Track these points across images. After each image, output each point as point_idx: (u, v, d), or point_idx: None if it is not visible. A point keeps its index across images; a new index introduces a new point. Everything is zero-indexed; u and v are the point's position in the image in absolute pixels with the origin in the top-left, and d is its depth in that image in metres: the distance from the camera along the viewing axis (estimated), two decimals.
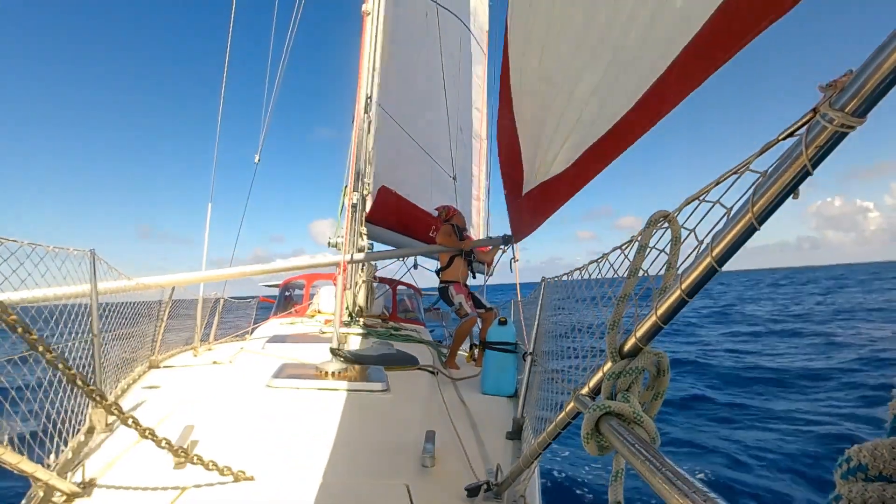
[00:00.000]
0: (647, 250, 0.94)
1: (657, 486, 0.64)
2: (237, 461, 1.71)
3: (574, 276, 1.86)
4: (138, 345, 3.52)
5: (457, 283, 4.57)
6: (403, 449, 2.02)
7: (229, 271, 4.86)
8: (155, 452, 1.60)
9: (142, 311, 3.57)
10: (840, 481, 0.49)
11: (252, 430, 2.16)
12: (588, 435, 0.89)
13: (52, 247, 2.07)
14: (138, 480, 1.66)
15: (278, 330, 5.31)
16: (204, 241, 5.39)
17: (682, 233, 0.87)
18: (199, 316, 4.85)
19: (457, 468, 1.96)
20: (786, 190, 0.63)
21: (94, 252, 2.55)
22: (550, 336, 2.72)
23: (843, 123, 0.56)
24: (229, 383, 3.03)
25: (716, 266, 0.71)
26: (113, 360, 2.87)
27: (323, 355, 3.18)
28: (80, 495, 1.56)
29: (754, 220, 0.66)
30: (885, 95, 0.54)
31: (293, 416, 2.34)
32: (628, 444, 0.76)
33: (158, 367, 3.72)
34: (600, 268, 1.37)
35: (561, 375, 2.06)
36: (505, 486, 1.65)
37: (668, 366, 0.89)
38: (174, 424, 2.12)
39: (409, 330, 5.59)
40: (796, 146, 0.61)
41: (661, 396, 0.91)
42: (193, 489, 1.62)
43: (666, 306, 0.80)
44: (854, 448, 0.48)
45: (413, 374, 3.46)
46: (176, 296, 4.33)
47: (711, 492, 0.57)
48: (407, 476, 1.79)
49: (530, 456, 1.40)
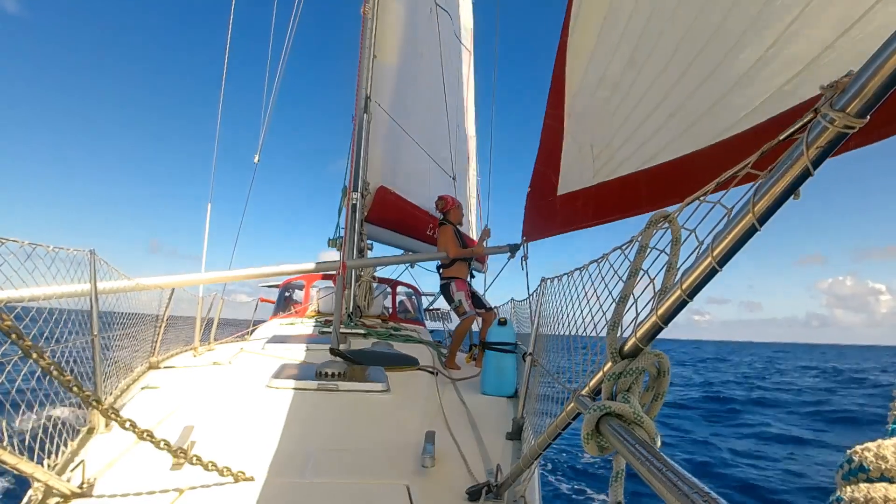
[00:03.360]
0: (648, 251, 0.94)
1: (658, 486, 0.64)
2: (237, 461, 1.71)
3: (574, 276, 1.86)
4: (137, 345, 3.52)
5: (459, 280, 4.51)
6: (403, 449, 2.02)
7: (227, 274, 4.87)
8: (155, 453, 1.60)
9: (139, 322, 3.57)
10: (841, 482, 0.49)
11: (252, 431, 2.16)
12: (588, 435, 0.89)
13: (52, 247, 2.07)
14: (138, 481, 1.65)
15: (278, 330, 5.31)
16: (204, 243, 5.40)
17: (682, 233, 0.87)
18: (199, 317, 4.85)
19: (457, 469, 1.95)
20: (786, 191, 0.63)
21: (94, 252, 2.54)
22: (550, 337, 2.72)
23: (845, 124, 0.56)
24: (229, 384, 3.03)
25: (716, 266, 0.71)
26: (113, 360, 2.87)
27: (322, 356, 3.18)
28: (80, 496, 1.55)
29: (755, 221, 0.66)
30: (885, 96, 0.54)
31: (293, 416, 2.34)
32: (628, 444, 0.76)
33: (158, 367, 3.72)
34: (600, 268, 1.37)
35: (560, 376, 2.06)
36: (505, 487, 1.65)
37: (668, 367, 0.89)
38: (174, 425, 2.12)
39: (409, 330, 5.59)
40: (797, 147, 0.61)
41: (662, 397, 0.91)
42: (193, 490, 1.62)
43: (666, 307, 0.80)
44: (855, 449, 0.48)
45: (413, 374, 3.46)
46: (172, 312, 4.33)
47: (712, 492, 0.57)
48: (407, 476, 1.79)
49: (530, 456, 1.40)
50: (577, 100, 2.84)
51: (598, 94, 2.54)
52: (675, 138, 1.98)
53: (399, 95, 6.20)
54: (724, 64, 1.71)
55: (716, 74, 1.75)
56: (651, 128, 2.14)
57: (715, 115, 1.77)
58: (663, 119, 2.04)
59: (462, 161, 7.82)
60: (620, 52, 2.31)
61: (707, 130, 1.81)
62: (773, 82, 1.53)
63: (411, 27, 6.40)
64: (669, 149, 2.02)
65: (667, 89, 2.00)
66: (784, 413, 11.86)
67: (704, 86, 1.81)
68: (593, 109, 2.65)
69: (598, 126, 2.58)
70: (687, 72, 1.87)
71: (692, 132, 1.89)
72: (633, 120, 2.26)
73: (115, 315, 2.98)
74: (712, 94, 1.78)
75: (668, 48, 1.97)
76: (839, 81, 0.58)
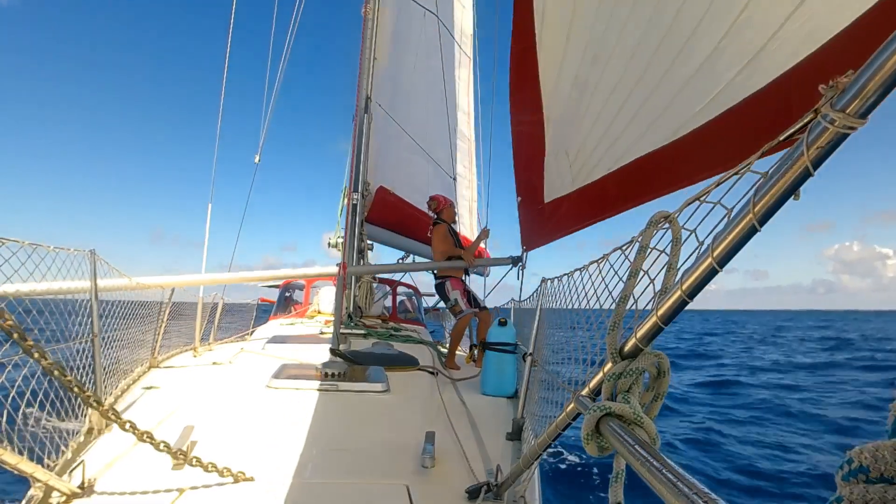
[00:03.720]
0: (648, 251, 0.93)
1: (658, 487, 0.64)
2: (237, 462, 1.71)
3: (575, 276, 1.86)
4: (138, 346, 3.52)
5: (454, 279, 4.48)
6: (403, 449, 2.02)
7: (227, 276, 4.88)
8: (154, 453, 1.60)
9: (141, 312, 3.56)
10: (841, 483, 0.49)
11: (252, 431, 2.16)
12: (588, 436, 0.89)
13: (52, 247, 2.07)
14: (138, 481, 1.65)
15: (278, 330, 5.31)
16: (204, 243, 5.40)
17: (682, 234, 0.87)
18: (199, 317, 4.85)
19: (457, 469, 1.95)
20: (787, 191, 0.63)
21: (95, 252, 2.54)
22: (550, 337, 2.72)
23: (845, 124, 0.56)
24: (229, 384, 3.03)
25: (717, 267, 0.71)
26: (113, 359, 2.87)
27: (323, 356, 3.18)
28: (80, 496, 1.55)
29: (755, 221, 0.66)
30: (886, 96, 0.54)
31: (293, 416, 2.34)
32: (628, 445, 0.76)
33: (158, 367, 3.72)
34: (601, 268, 1.37)
35: (560, 377, 2.06)
36: (505, 487, 1.64)
37: (668, 367, 0.89)
38: (174, 425, 2.12)
39: (409, 330, 5.58)
40: (797, 147, 0.61)
41: (662, 398, 0.90)
42: (193, 490, 1.62)
43: (666, 307, 0.80)
44: (855, 450, 0.48)
45: (413, 374, 3.46)
46: (176, 298, 4.33)
47: (713, 493, 0.57)
48: (407, 477, 1.79)
49: (530, 457, 1.40)
50: (552, 102, 2.81)
51: (572, 95, 2.52)
52: (640, 137, 2.00)
53: (393, 97, 6.21)
54: (679, 60, 1.73)
55: (672, 71, 1.78)
56: (618, 128, 2.15)
57: (673, 111, 1.80)
58: (629, 118, 2.06)
59: (463, 163, 7.83)
60: (588, 51, 2.29)
61: (667, 126, 1.83)
62: (726, 75, 1.55)
63: (405, 31, 6.42)
64: (636, 148, 2.04)
65: (630, 87, 2.02)
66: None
67: (663, 82, 1.84)
68: (567, 112, 2.63)
69: (572, 130, 2.58)
70: (647, 69, 1.89)
71: (654, 129, 1.91)
72: (602, 121, 2.26)
73: (117, 305, 2.96)
74: (670, 90, 1.81)
75: (628, 45, 1.97)
76: (839, 81, 0.58)
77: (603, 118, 2.24)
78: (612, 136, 2.20)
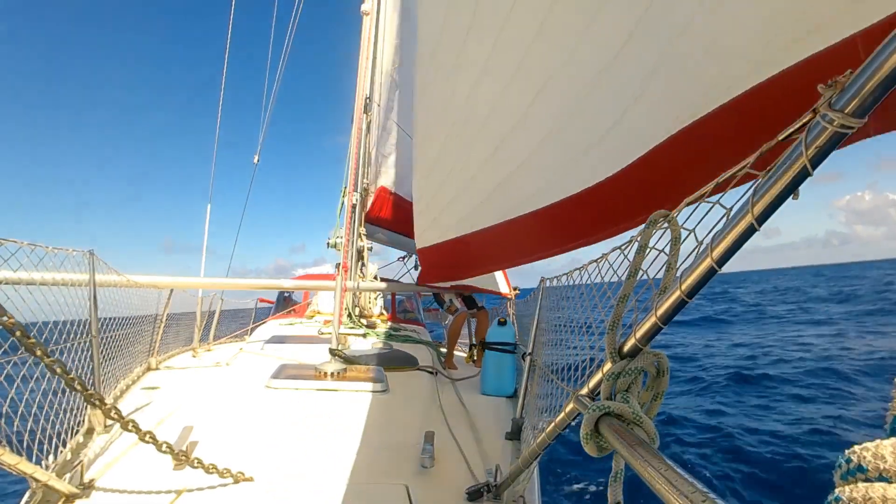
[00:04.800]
0: (647, 250, 0.93)
1: (657, 487, 0.64)
2: (236, 462, 1.71)
3: (574, 276, 1.86)
4: (137, 349, 3.51)
5: None
6: (403, 449, 2.02)
7: (225, 281, 4.91)
8: (154, 454, 1.60)
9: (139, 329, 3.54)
10: (839, 482, 0.49)
11: (251, 431, 2.16)
12: (587, 435, 0.89)
13: (51, 248, 2.07)
14: (137, 481, 1.65)
15: (277, 331, 5.31)
16: (203, 244, 5.40)
17: (681, 233, 0.87)
18: (198, 317, 4.85)
19: (456, 469, 1.95)
20: (785, 191, 0.63)
21: (93, 252, 2.54)
22: (550, 337, 2.72)
23: (843, 124, 0.56)
24: (228, 384, 3.03)
25: (715, 267, 0.71)
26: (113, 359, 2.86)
27: (322, 356, 3.18)
28: (79, 496, 1.55)
29: (754, 221, 0.66)
30: (885, 96, 0.54)
31: (292, 416, 2.34)
32: (628, 444, 0.76)
33: (158, 368, 3.72)
34: (600, 268, 1.37)
35: (560, 376, 2.06)
36: (504, 487, 1.65)
37: (667, 366, 0.89)
38: (174, 425, 2.12)
39: (409, 330, 5.58)
40: (796, 147, 0.61)
41: (661, 397, 0.91)
42: (193, 490, 1.62)
43: (666, 307, 0.80)
44: (854, 449, 0.48)
45: (412, 374, 3.46)
46: (176, 310, 4.33)
47: (711, 493, 0.57)
48: (406, 477, 1.79)
49: (530, 456, 1.40)
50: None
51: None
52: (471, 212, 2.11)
53: (390, 97, 6.21)
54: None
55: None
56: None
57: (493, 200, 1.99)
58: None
59: None
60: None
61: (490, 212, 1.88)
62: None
63: (405, 32, 6.41)
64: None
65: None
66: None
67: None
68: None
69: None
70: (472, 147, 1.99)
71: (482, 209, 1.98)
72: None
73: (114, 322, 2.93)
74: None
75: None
76: (838, 81, 0.58)
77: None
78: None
